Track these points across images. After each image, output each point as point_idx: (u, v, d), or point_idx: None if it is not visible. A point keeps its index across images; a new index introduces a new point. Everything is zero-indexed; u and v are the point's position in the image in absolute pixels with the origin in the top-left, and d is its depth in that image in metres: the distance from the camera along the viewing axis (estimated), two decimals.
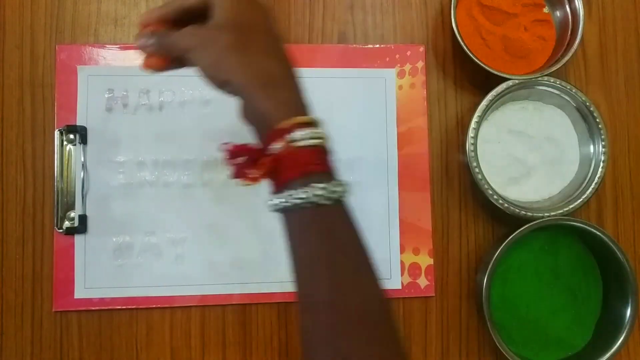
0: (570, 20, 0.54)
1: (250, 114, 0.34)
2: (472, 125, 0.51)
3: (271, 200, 0.32)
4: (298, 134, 0.31)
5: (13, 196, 0.51)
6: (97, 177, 0.51)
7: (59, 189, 0.50)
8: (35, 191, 0.51)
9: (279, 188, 0.32)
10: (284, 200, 0.31)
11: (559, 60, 0.52)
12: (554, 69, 0.52)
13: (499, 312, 0.51)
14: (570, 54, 0.52)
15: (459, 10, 0.53)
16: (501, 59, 0.54)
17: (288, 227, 0.32)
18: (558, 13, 0.55)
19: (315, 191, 0.30)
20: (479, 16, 0.54)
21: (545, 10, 0.55)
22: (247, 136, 0.34)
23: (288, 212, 0.32)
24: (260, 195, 0.53)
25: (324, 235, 0.31)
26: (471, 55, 0.51)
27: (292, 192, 0.31)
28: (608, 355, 0.49)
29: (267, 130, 0.32)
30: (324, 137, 0.32)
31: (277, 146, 0.31)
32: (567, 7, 0.54)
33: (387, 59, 0.55)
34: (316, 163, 0.31)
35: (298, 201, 0.30)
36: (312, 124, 0.32)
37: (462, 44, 0.51)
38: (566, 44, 0.53)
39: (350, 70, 0.54)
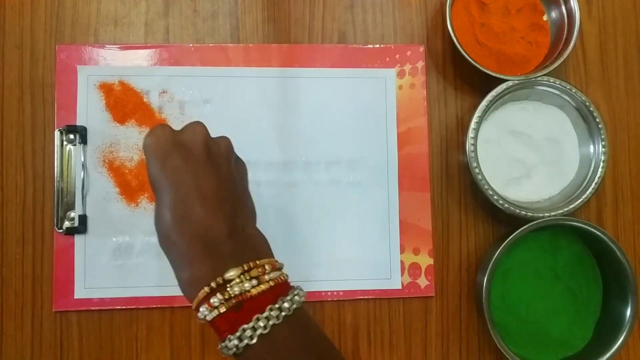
0: (566, 20, 0.54)
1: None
2: (472, 125, 0.51)
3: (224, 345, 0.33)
4: (202, 310, 0.32)
5: (13, 196, 0.51)
6: (97, 177, 0.51)
7: (59, 189, 0.50)
8: (35, 191, 0.51)
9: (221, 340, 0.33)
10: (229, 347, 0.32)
11: (556, 59, 0.52)
12: (552, 67, 0.52)
13: (499, 312, 0.51)
14: (567, 53, 0.52)
15: (455, 8, 0.53)
16: (497, 60, 0.54)
17: None
18: (553, 13, 0.55)
19: (244, 337, 0.31)
20: (475, 13, 0.54)
21: (544, 18, 0.55)
22: (247, 135, 0.34)
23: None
24: (261, 195, 0.53)
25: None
26: (468, 58, 0.51)
27: (229, 342, 0.32)
28: (608, 355, 0.49)
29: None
30: (233, 295, 0.32)
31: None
32: (563, 7, 0.54)
33: (387, 59, 0.55)
34: (226, 330, 0.32)
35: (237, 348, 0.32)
36: (221, 286, 0.32)
37: (458, 46, 0.51)
38: (562, 43, 0.53)
39: (350, 70, 0.54)
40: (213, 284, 0.32)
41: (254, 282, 0.32)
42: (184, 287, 0.33)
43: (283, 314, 0.32)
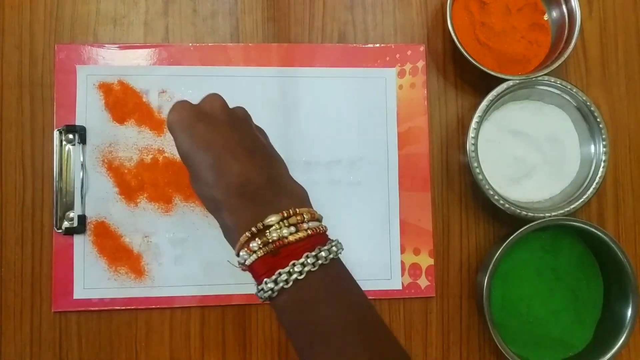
0: (566, 19, 0.54)
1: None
2: (473, 125, 0.51)
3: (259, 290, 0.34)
4: (242, 254, 0.33)
5: (12, 196, 0.51)
6: (96, 177, 0.51)
7: (58, 189, 0.50)
8: (35, 191, 0.51)
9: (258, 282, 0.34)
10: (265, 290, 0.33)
11: (556, 59, 0.52)
12: (552, 67, 0.51)
13: (500, 313, 0.51)
14: (567, 53, 0.52)
15: (455, 7, 0.53)
16: (498, 60, 0.54)
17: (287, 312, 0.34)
18: (554, 13, 0.55)
19: (273, 285, 0.32)
20: (476, 13, 0.54)
21: (545, 17, 0.55)
22: None
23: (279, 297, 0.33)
24: None
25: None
26: (468, 57, 0.51)
27: (265, 286, 0.33)
28: (609, 355, 0.49)
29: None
30: (271, 240, 0.33)
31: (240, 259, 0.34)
32: (564, 6, 0.54)
33: (387, 58, 0.55)
34: (263, 273, 0.33)
35: (269, 293, 0.33)
36: (261, 231, 0.33)
37: (458, 46, 0.51)
38: (563, 43, 0.53)
39: (351, 70, 0.54)
40: (253, 229, 0.33)
41: (292, 229, 0.33)
42: (228, 235, 0.35)
43: (319, 262, 0.33)
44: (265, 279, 0.32)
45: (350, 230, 0.53)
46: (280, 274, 0.32)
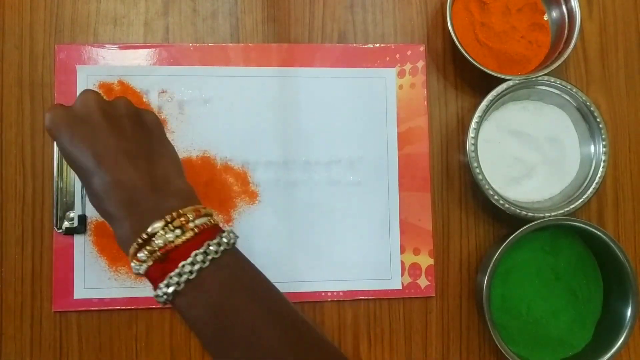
0: (566, 19, 0.54)
1: None
2: (473, 125, 0.51)
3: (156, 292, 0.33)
4: (133, 266, 0.33)
5: (12, 196, 0.51)
6: None
7: (58, 189, 0.50)
8: (35, 191, 0.51)
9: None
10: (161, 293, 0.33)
11: (556, 59, 0.52)
12: (552, 67, 0.51)
13: (500, 313, 0.51)
14: (567, 53, 0.52)
15: (455, 7, 0.53)
16: (498, 60, 0.54)
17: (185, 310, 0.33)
18: (554, 13, 0.55)
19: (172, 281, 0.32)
20: (476, 13, 0.54)
21: (545, 17, 0.55)
22: (247, 135, 0.33)
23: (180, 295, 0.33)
24: (261, 195, 0.53)
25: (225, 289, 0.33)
26: (468, 58, 0.51)
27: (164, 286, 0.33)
28: (609, 355, 0.49)
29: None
30: (157, 248, 0.32)
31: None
32: (564, 6, 0.54)
33: (387, 58, 0.55)
34: (157, 278, 0.33)
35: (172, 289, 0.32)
36: (147, 241, 0.33)
37: (458, 46, 0.51)
38: (563, 43, 0.53)
39: (350, 70, 0.54)
40: (139, 240, 0.32)
41: (178, 232, 0.32)
42: (121, 247, 0.34)
43: (209, 257, 0.32)
44: (159, 284, 0.32)
45: (350, 230, 0.53)
46: (171, 277, 0.32)
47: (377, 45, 0.55)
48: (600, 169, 0.52)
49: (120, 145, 0.35)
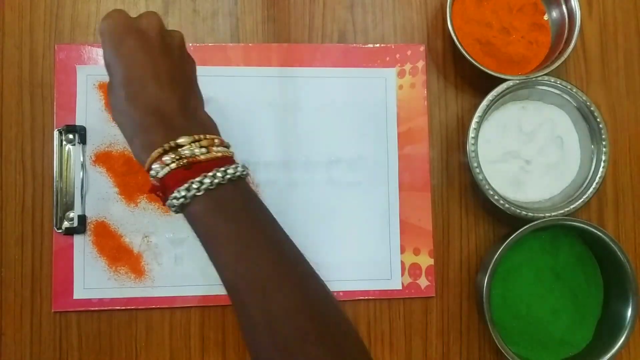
0: (566, 19, 0.54)
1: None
2: (473, 125, 0.51)
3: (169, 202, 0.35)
4: (155, 168, 0.34)
5: (12, 196, 0.51)
6: (96, 177, 0.51)
7: (58, 189, 0.50)
8: (35, 191, 0.51)
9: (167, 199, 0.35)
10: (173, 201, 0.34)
11: (556, 59, 0.52)
12: (552, 67, 0.51)
13: (500, 313, 0.51)
14: (567, 53, 0.52)
15: (455, 7, 0.53)
16: (498, 60, 0.54)
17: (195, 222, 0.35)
18: (554, 13, 0.55)
19: (186, 192, 0.34)
20: (475, 12, 0.54)
21: (545, 17, 0.55)
22: (247, 135, 0.34)
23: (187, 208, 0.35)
24: (261, 195, 0.53)
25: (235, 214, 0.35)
26: (468, 57, 0.51)
27: (175, 197, 0.34)
28: (609, 355, 0.49)
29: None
30: (183, 156, 0.34)
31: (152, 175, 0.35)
32: (564, 6, 0.54)
33: (387, 58, 0.55)
34: (174, 184, 0.34)
35: (179, 201, 0.34)
36: (173, 149, 0.34)
37: (458, 45, 0.51)
38: (563, 43, 0.53)
39: (350, 70, 0.54)
40: (166, 146, 0.34)
41: (204, 149, 0.35)
42: (138, 152, 0.36)
43: (228, 176, 0.34)
44: (178, 188, 0.33)
45: (350, 230, 0.53)
46: (192, 182, 0.33)
47: (377, 45, 0.55)
48: (600, 169, 0.52)
49: (167, 67, 0.37)
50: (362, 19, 0.55)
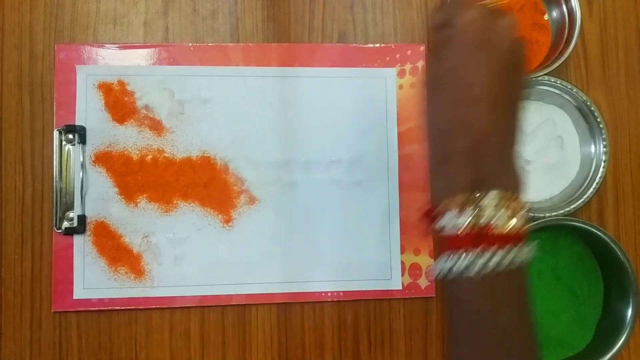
0: (567, 19, 0.54)
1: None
2: None
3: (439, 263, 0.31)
4: (445, 219, 0.30)
5: (12, 196, 0.51)
6: (96, 177, 0.51)
7: (57, 189, 0.50)
8: (34, 191, 0.51)
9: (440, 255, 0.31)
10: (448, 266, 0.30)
11: (556, 59, 0.52)
12: (553, 67, 0.51)
13: None
14: (567, 53, 0.52)
15: None
16: None
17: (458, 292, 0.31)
18: (554, 13, 0.55)
19: (459, 265, 0.29)
20: None
21: (545, 17, 0.55)
22: (247, 135, 0.33)
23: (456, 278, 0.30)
24: (261, 195, 0.53)
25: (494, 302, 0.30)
26: None
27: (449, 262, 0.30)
28: (609, 355, 0.49)
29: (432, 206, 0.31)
30: (482, 215, 0.29)
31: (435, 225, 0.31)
32: (564, 6, 0.54)
33: (388, 58, 0.55)
34: (457, 247, 0.29)
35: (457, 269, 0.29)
36: (470, 201, 0.29)
37: None
38: (563, 43, 0.53)
39: (350, 70, 0.54)
40: (470, 196, 0.29)
41: (509, 213, 0.29)
42: (437, 189, 0.31)
43: (519, 261, 0.29)
44: (466, 250, 0.28)
45: (350, 230, 0.53)
46: (488, 253, 0.28)
47: (377, 45, 0.55)
48: (601, 169, 0.52)
49: (505, 94, 0.31)
50: (362, 18, 0.55)
